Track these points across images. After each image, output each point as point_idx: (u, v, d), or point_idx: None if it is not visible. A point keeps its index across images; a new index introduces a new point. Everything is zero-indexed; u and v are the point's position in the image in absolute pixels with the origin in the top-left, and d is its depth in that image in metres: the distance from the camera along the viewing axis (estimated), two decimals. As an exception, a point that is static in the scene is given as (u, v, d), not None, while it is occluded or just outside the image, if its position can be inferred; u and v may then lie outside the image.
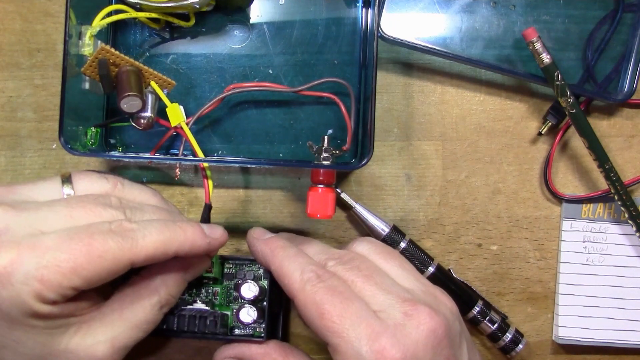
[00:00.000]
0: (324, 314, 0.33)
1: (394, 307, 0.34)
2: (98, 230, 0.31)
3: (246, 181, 0.46)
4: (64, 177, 0.35)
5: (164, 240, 0.33)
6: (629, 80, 0.45)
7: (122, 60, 0.39)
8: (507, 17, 0.45)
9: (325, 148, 0.42)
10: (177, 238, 0.33)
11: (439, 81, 0.47)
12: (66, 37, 0.38)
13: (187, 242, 0.34)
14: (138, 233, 0.32)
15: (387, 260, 0.38)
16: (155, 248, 0.32)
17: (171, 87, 0.41)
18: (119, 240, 0.31)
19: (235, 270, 0.41)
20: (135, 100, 0.38)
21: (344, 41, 0.45)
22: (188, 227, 0.34)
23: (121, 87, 0.38)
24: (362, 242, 0.39)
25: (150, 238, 0.32)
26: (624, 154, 0.47)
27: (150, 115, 0.40)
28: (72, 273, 0.30)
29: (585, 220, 0.47)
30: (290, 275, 0.35)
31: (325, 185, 0.42)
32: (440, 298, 0.37)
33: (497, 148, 0.47)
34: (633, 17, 0.46)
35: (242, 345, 0.40)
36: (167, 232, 0.33)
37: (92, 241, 0.30)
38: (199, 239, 0.34)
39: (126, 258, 0.31)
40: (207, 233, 0.35)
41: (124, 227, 0.32)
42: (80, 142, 0.41)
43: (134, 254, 0.31)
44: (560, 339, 0.47)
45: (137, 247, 0.32)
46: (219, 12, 0.44)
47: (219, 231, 0.37)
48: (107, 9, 0.40)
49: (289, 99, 0.45)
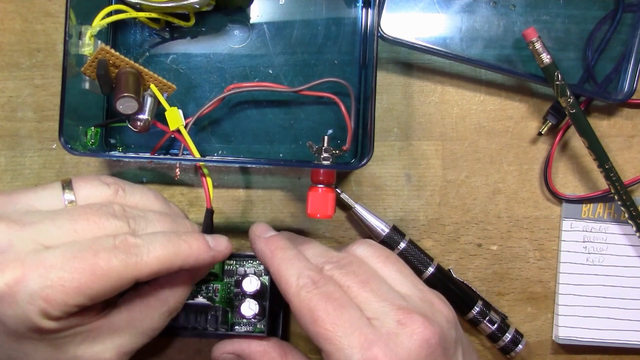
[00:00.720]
0: (317, 321, 0.33)
1: (388, 315, 0.34)
2: (102, 248, 0.31)
3: (246, 181, 0.46)
4: (64, 183, 0.35)
5: (168, 256, 0.33)
6: (629, 80, 0.45)
7: (122, 62, 0.39)
8: (507, 17, 0.45)
9: (325, 148, 0.42)
10: (181, 253, 0.33)
11: (439, 81, 0.47)
12: (66, 37, 0.38)
13: (191, 257, 0.34)
14: (143, 249, 0.32)
15: (385, 264, 0.38)
16: (160, 265, 0.32)
17: (171, 91, 0.41)
18: (123, 258, 0.31)
19: (235, 268, 0.42)
20: (131, 102, 0.38)
21: (344, 41, 0.45)
22: (193, 242, 0.34)
23: (118, 88, 0.38)
24: (361, 245, 0.39)
25: (155, 254, 0.32)
26: (624, 154, 0.47)
27: (147, 118, 0.39)
28: (76, 292, 0.30)
29: (585, 220, 0.47)
30: (286, 279, 0.35)
31: (325, 185, 0.42)
32: (436, 305, 0.37)
33: (497, 148, 0.47)
34: (633, 17, 0.46)
35: (241, 341, 0.40)
36: (171, 248, 0.33)
37: (97, 260, 0.30)
38: (203, 253, 0.34)
39: (130, 275, 0.31)
40: (211, 246, 0.35)
41: (128, 242, 0.32)
42: (80, 142, 0.41)
43: (139, 271, 0.32)
44: (560, 339, 0.47)
45: (142, 263, 0.32)
46: (219, 12, 0.44)
47: (223, 243, 0.37)
48: (107, 9, 0.40)
49: (289, 99, 0.45)
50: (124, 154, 0.45)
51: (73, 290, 0.30)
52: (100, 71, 0.38)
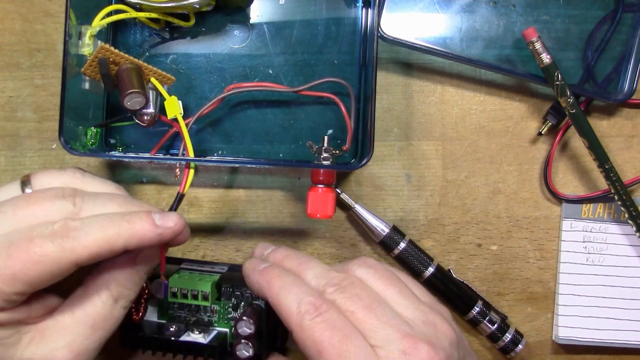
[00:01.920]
0: (322, 353, 0.32)
1: (393, 343, 0.33)
2: (38, 234, 0.31)
3: (246, 181, 0.46)
4: (24, 179, 0.35)
5: (107, 237, 0.31)
6: (629, 80, 0.45)
7: (121, 59, 0.39)
8: (507, 17, 0.45)
9: (325, 148, 0.42)
10: (122, 233, 0.32)
11: (439, 81, 0.47)
12: (66, 37, 0.38)
13: (134, 237, 0.32)
14: (81, 232, 0.31)
15: (387, 286, 0.37)
16: (98, 246, 0.31)
17: (171, 82, 0.41)
18: (59, 243, 0.30)
19: (231, 290, 0.41)
20: (139, 97, 0.38)
21: (344, 41, 0.45)
22: (136, 220, 0.33)
23: (123, 85, 0.38)
24: (361, 265, 0.38)
25: (93, 236, 0.31)
26: (624, 154, 0.47)
27: (153, 111, 0.40)
28: (12, 279, 0.30)
29: (585, 220, 0.47)
30: (287, 307, 0.34)
31: (325, 185, 0.42)
32: (439, 327, 0.36)
33: (497, 148, 0.47)
34: (633, 17, 0.46)
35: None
36: (111, 228, 0.32)
37: (31, 246, 0.30)
38: (148, 232, 0.33)
39: (68, 259, 0.31)
40: (158, 223, 0.33)
41: (67, 226, 0.31)
42: (80, 142, 0.41)
43: (77, 255, 0.31)
44: (560, 339, 0.47)
45: (80, 246, 0.31)
46: (219, 12, 0.44)
47: (172, 219, 0.34)
48: (107, 9, 0.40)
49: (289, 99, 0.45)
50: (124, 154, 0.45)
51: (9, 277, 0.29)
52: (103, 70, 0.38)
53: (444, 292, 0.46)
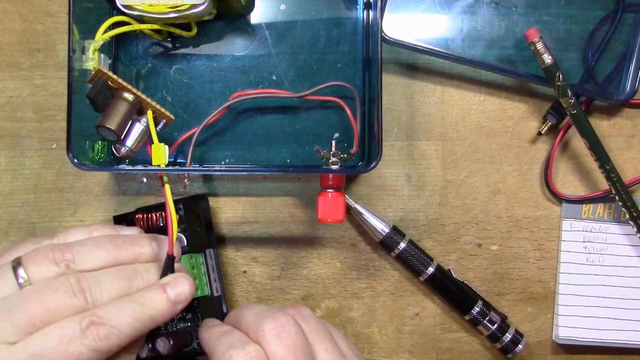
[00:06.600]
0: None
1: None
2: (70, 339, 0.30)
3: (248, 184, 0.46)
4: (14, 263, 0.33)
5: (135, 329, 0.32)
6: (631, 80, 0.45)
7: (119, 85, 0.37)
8: (508, 17, 0.45)
9: (333, 152, 0.41)
10: (146, 321, 0.33)
11: (439, 81, 0.47)
12: (70, 53, 0.38)
13: (156, 319, 0.34)
14: (111, 330, 0.31)
15: (316, 340, 0.36)
16: (129, 339, 0.32)
17: (169, 121, 0.39)
18: (92, 348, 0.31)
19: None
20: (110, 133, 0.37)
21: (346, 44, 0.45)
22: (155, 304, 0.34)
23: (105, 114, 0.37)
24: (296, 316, 0.36)
25: (123, 332, 0.32)
26: (624, 154, 0.47)
27: (129, 148, 0.38)
28: None
29: (586, 220, 0.47)
30: (216, 354, 0.34)
31: (334, 190, 0.42)
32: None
33: (497, 148, 0.47)
34: (633, 17, 0.46)
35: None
36: (138, 323, 0.33)
37: (68, 356, 0.30)
38: (167, 312, 0.34)
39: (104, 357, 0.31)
40: (173, 299, 0.34)
41: (94, 323, 0.31)
42: (88, 156, 0.41)
43: (108, 353, 0.32)
44: (560, 339, 0.47)
45: (112, 345, 0.31)
46: (220, 21, 0.44)
47: (185, 291, 0.35)
48: (109, 21, 0.40)
49: (293, 104, 0.45)
50: (132, 166, 0.44)
51: None
52: (91, 94, 0.37)
53: (444, 292, 0.46)
